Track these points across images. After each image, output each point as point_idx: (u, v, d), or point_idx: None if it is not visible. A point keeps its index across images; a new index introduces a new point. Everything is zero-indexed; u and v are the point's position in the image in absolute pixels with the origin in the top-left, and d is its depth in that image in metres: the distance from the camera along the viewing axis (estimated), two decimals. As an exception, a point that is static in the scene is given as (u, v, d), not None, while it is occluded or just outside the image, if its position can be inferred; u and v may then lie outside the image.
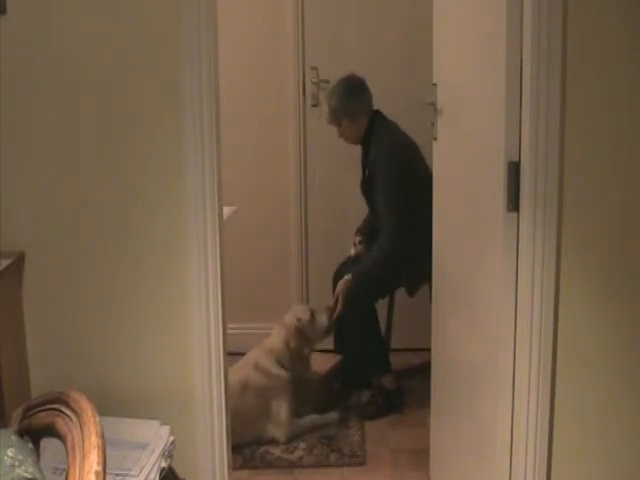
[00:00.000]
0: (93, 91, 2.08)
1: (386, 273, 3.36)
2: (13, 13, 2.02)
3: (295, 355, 3.30)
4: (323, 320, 3.40)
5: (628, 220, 1.97)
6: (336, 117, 3.49)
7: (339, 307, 3.38)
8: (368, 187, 3.54)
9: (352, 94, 3.46)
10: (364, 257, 3.47)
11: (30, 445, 1.54)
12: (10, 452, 1.36)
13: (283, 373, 3.25)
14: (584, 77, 1.91)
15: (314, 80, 3.95)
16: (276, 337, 3.33)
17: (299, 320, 3.33)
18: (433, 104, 2.51)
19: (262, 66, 3.94)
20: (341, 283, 3.40)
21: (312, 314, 3.38)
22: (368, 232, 3.59)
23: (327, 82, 3.94)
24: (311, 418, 3.27)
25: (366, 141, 3.51)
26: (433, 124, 2.56)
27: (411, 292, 3.57)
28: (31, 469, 1.36)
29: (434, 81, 2.53)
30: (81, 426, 1.43)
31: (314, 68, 3.94)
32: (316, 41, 3.92)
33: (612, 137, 1.94)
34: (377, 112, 3.51)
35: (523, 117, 1.93)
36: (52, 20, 2.04)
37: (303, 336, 3.32)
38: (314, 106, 3.98)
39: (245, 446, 3.08)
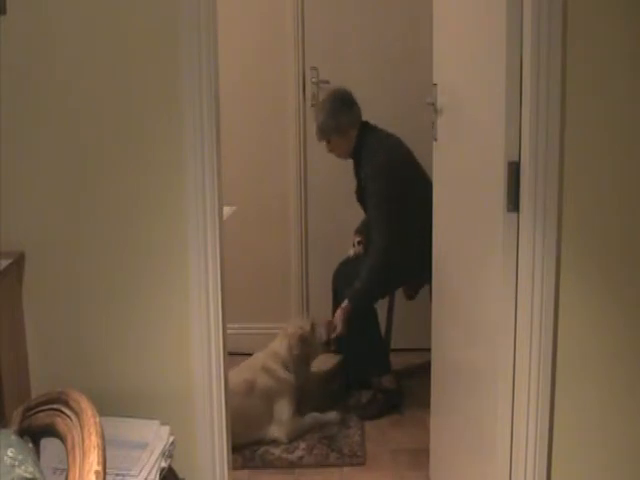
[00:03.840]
0: (93, 91, 2.07)
1: (382, 284, 3.39)
2: (13, 13, 2.02)
3: (298, 362, 3.32)
4: (322, 333, 3.44)
5: (628, 220, 1.97)
6: (324, 134, 3.48)
7: (338, 331, 3.37)
8: (362, 196, 3.54)
9: (339, 110, 3.44)
10: (357, 274, 3.41)
11: (30, 445, 1.54)
12: (10, 452, 1.36)
13: (289, 376, 3.28)
14: (584, 77, 1.91)
15: (314, 80, 3.95)
16: (280, 344, 3.35)
17: (301, 328, 3.37)
18: (433, 104, 2.51)
19: (262, 66, 3.94)
20: (339, 312, 3.38)
21: (312, 326, 3.42)
22: (367, 232, 3.59)
23: (327, 82, 3.95)
24: (312, 417, 3.27)
25: (357, 153, 3.48)
26: (433, 124, 2.56)
27: (410, 297, 3.59)
28: (31, 469, 1.36)
29: (434, 81, 2.53)
30: (81, 426, 1.43)
31: (314, 68, 3.94)
32: (316, 41, 3.93)
33: (612, 137, 1.94)
34: (365, 123, 3.48)
35: (523, 117, 1.93)
36: (52, 20, 2.04)
37: (305, 344, 3.34)
38: (314, 106, 3.98)
39: (245, 446, 3.08)
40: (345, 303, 3.38)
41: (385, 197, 3.22)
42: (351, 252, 3.58)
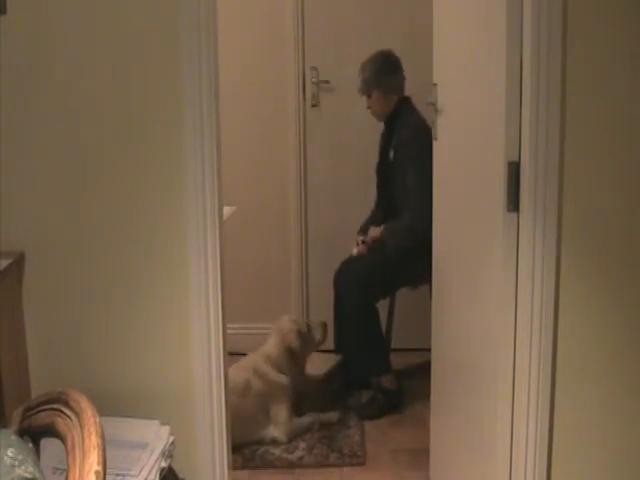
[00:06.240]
0: (93, 91, 2.07)
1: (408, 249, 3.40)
2: (13, 13, 2.02)
3: (295, 358, 3.32)
4: (318, 333, 3.45)
5: (628, 220, 1.97)
6: (368, 87, 3.52)
7: (367, 243, 3.50)
8: (388, 168, 3.54)
9: (387, 68, 3.52)
10: (393, 220, 3.50)
11: (30, 445, 1.54)
12: (10, 452, 1.36)
13: (282, 378, 3.27)
14: (584, 77, 1.91)
15: (314, 80, 3.95)
16: (272, 344, 3.34)
17: (296, 323, 3.37)
18: (433, 104, 2.52)
19: (262, 66, 3.94)
20: (375, 229, 3.49)
21: (308, 325, 3.43)
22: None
23: (327, 82, 3.95)
24: (311, 416, 3.27)
25: (391, 122, 3.55)
26: (433, 124, 2.56)
27: (415, 286, 3.58)
28: (31, 469, 1.36)
29: (434, 81, 2.53)
30: (81, 426, 1.43)
31: (314, 68, 3.95)
32: (316, 41, 3.93)
33: (612, 137, 1.94)
34: (408, 98, 3.55)
35: (523, 117, 1.93)
36: (52, 20, 2.04)
37: (302, 339, 3.35)
38: (314, 106, 3.98)
39: (245, 446, 3.08)
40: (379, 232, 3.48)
41: (425, 160, 3.13)
42: (354, 251, 3.58)
